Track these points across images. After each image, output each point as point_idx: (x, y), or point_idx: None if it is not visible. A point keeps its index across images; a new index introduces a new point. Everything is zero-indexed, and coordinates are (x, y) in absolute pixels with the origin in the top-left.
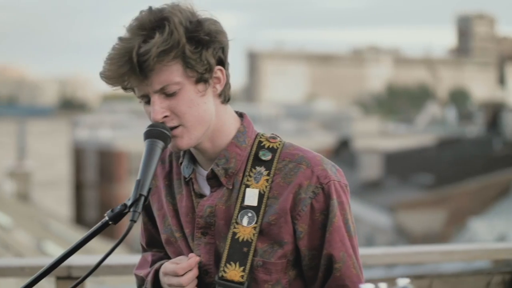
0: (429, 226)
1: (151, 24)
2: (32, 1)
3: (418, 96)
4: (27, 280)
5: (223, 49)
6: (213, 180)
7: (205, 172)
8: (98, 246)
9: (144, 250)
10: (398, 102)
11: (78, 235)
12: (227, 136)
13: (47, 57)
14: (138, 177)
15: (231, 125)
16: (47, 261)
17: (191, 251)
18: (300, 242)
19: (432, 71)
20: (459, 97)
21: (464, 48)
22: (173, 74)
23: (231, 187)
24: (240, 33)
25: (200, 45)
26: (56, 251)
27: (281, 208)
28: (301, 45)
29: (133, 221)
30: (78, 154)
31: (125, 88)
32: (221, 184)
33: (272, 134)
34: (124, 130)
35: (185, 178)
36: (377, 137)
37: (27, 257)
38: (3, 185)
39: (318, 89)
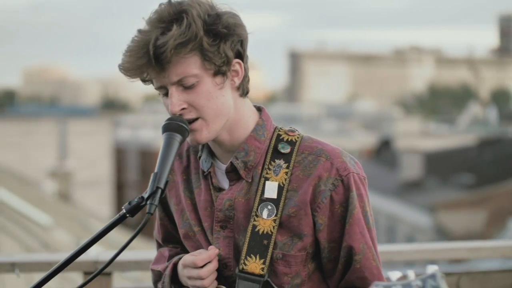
0: (469, 226)
1: (170, 17)
2: (74, 2)
3: (460, 96)
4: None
5: (242, 42)
6: (232, 173)
7: (223, 166)
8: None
9: (160, 246)
10: (440, 102)
11: (118, 234)
12: (246, 129)
13: (89, 58)
14: (155, 170)
15: (250, 118)
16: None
17: (210, 245)
18: (320, 234)
19: (474, 71)
20: (500, 97)
21: (506, 48)
22: (190, 66)
23: (250, 180)
24: (282, 33)
25: (218, 38)
26: (96, 250)
27: (301, 201)
28: (343, 45)
29: (149, 213)
30: (119, 154)
31: (144, 80)
32: (240, 177)
33: (291, 127)
34: None
35: (203, 172)
36: (418, 137)
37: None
38: (44, 185)
39: (359, 89)
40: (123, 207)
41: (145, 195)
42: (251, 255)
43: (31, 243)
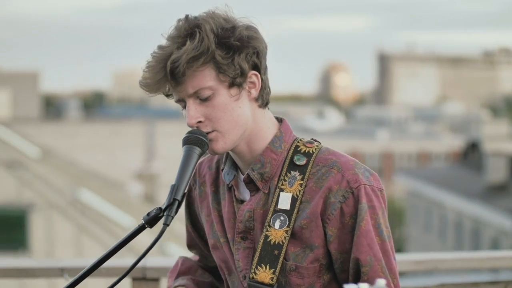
0: None
1: (186, 32)
2: (163, 4)
3: None
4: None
5: (258, 54)
6: (251, 184)
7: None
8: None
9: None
10: None
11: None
12: (264, 140)
13: None
14: (174, 183)
15: (268, 129)
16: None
17: (233, 256)
18: (331, 246)
19: None
20: None
21: None
22: (206, 78)
23: (267, 191)
24: (371, 35)
25: (232, 51)
26: (178, 252)
27: (312, 212)
28: (432, 47)
29: (166, 224)
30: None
31: (166, 95)
32: (258, 188)
33: (311, 139)
34: None
35: (227, 184)
36: (506, 140)
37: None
38: (130, 186)
39: (448, 92)
40: (142, 218)
41: (163, 207)
42: (262, 264)
43: (112, 244)
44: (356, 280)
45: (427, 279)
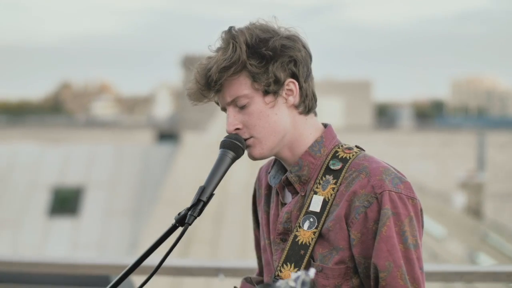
0: None
1: (224, 44)
2: (505, 11)
3: None
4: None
5: (295, 63)
6: (291, 187)
7: None
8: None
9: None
10: None
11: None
12: (305, 145)
13: None
14: (203, 184)
15: (310, 135)
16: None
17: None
18: (354, 250)
19: None
20: None
21: None
22: (241, 87)
23: (303, 194)
24: None
25: (265, 60)
26: (488, 263)
27: (337, 215)
28: None
29: (188, 224)
30: None
31: (218, 103)
32: (297, 191)
33: (355, 146)
34: None
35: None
36: None
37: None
38: (455, 197)
39: None
40: (174, 218)
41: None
42: (287, 263)
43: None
44: (376, 286)
45: None
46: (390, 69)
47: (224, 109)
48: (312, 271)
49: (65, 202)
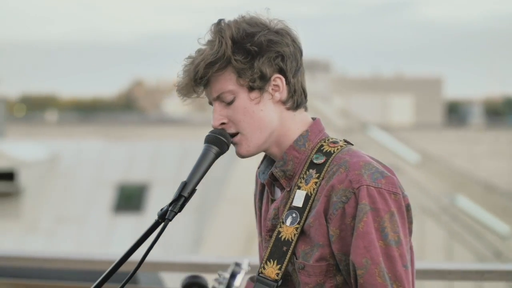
0: None
1: (211, 38)
2: None
3: None
4: None
5: (283, 58)
6: (278, 182)
7: None
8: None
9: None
10: None
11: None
12: (291, 141)
13: None
14: (185, 179)
15: (297, 130)
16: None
17: None
18: (334, 246)
19: None
20: None
21: None
22: (227, 83)
23: (289, 189)
24: None
25: (250, 55)
26: None
27: (317, 210)
28: None
29: (168, 219)
30: None
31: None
32: (283, 187)
33: (342, 140)
34: None
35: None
36: None
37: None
38: None
39: None
40: (157, 213)
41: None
42: (271, 260)
43: (484, 251)
44: (355, 283)
45: None
46: (462, 65)
47: (210, 104)
48: (245, 263)
49: (130, 199)
